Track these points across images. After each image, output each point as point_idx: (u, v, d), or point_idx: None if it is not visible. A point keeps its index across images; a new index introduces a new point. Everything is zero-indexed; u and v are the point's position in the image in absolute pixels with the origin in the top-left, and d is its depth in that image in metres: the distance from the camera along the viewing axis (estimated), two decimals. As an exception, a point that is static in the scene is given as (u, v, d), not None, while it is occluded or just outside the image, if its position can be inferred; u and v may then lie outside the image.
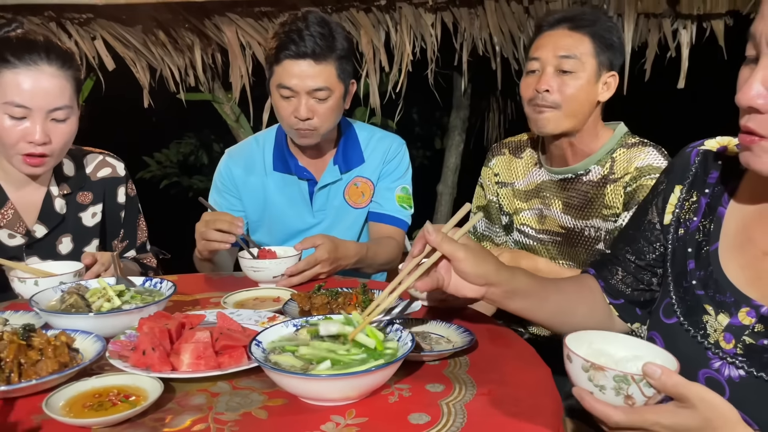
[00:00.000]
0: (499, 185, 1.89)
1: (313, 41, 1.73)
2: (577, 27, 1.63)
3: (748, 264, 0.96)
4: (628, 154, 1.65)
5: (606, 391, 0.85)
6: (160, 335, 1.10)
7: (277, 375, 0.96)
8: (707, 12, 2.83)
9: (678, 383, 0.80)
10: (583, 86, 1.62)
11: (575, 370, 0.88)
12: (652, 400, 0.84)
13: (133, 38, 3.12)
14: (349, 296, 1.36)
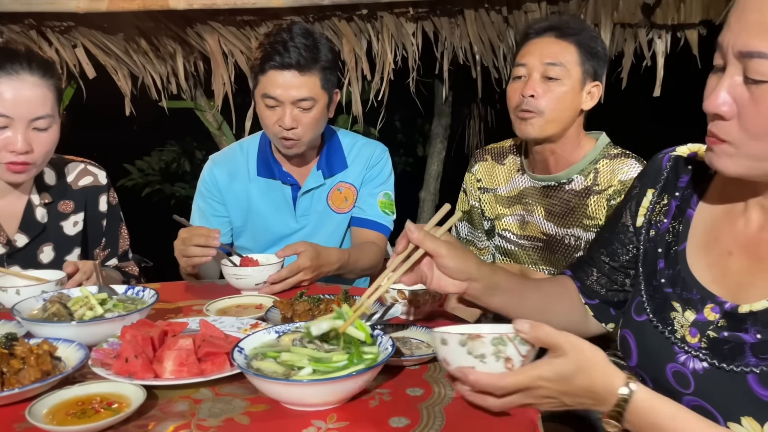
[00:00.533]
0: (482, 191, 1.91)
1: (298, 52, 1.75)
2: (563, 35, 1.66)
3: (713, 262, 1.00)
4: (611, 166, 1.68)
5: (487, 359, 0.89)
6: (143, 343, 1.11)
7: (259, 381, 0.98)
8: (681, 22, 2.89)
9: (549, 332, 0.87)
10: (568, 93, 1.65)
11: (453, 350, 0.91)
12: (527, 358, 0.90)
13: (115, 46, 3.12)
14: (331, 303, 1.38)
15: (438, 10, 2.97)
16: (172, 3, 2.79)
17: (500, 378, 0.88)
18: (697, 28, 2.95)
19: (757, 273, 0.93)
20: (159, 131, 4.98)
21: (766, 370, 0.87)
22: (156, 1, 2.79)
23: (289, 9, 2.88)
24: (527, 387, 0.88)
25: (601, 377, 0.88)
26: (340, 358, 1.04)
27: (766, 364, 0.88)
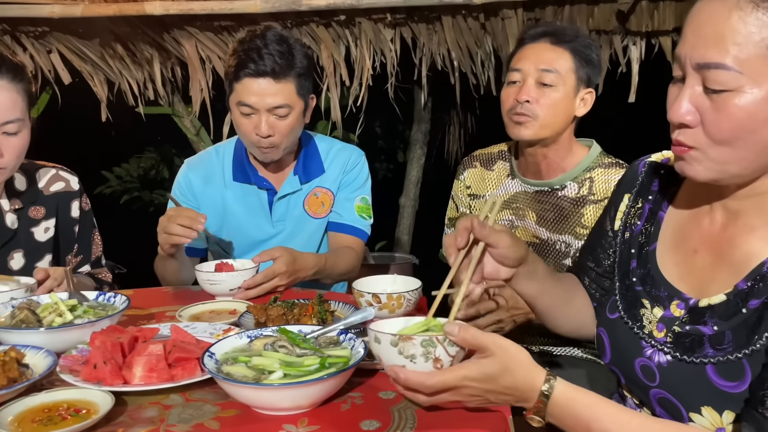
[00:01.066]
0: (472, 197, 1.92)
1: (272, 59, 1.74)
2: (559, 42, 1.67)
3: (681, 261, 1.03)
4: (606, 175, 1.70)
5: (416, 360, 0.92)
6: (112, 349, 1.10)
7: (228, 385, 0.97)
8: (655, 29, 2.93)
9: (476, 334, 0.92)
10: (562, 100, 1.66)
11: (385, 349, 0.95)
12: (456, 359, 0.94)
13: (90, 51, 3.10)
14: (305, 307, 1.37)
15: (415, 17, 2.98)
16: (148, 8, 2.77)
17: (428, 377, 0.91)
18: (670, 35, 2.99)
19: (718, 269, 0.97)
20: (137, 138, 4.96)
21: (722, 360, 0.91)
22: (132, 6, 2.78)
23: (267, 15, 2.87)
24: (454, 386, 0.92)
25: (523, 375, 0.92)
26: (311, 362, 1.04)
27: (722, 355, 0.91)
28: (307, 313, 1.34)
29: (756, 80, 0.84)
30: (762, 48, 0.83)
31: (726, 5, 0.85)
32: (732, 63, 0.84)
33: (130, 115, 3.42)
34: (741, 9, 0.84)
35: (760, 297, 0.89)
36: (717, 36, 0.85)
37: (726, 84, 0.85)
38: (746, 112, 0.85)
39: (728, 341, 0.91)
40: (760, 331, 0.88)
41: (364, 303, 1.40)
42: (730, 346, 0.91)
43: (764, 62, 0.84)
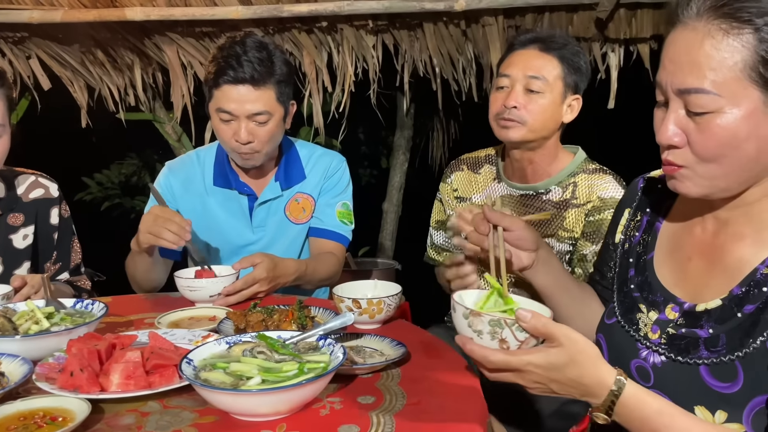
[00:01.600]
0: (459, 200, 1.93)
1: (252, 66, 1.74)
2: (547, 49, 1.68)
3: (676, 268, 1.08)
4: (589, 180, 1.72)
5: (483, 336, 0.95)
6: (89, 356, 1.09)
7: (206, 392, 0.97)
8: (633, 36, 2.97)
9: (546, 323, 0.92)
10: (549, 106, 1.68)
11: (458, 319, 0.98)
12: (525, 344, 0.94)
13: (70, 57, 3.07)
14: (284, 313, 1.37)
15: (397, 23, 3.00)
16: (129, 14, 2.76)
17: (491, 353, 0.94)
18: (648, 42, 3.03)
19: (711, 274, 1.01)
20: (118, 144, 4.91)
21: (716, 362, 0.95)
22: (112, 12, 2.76)
23: (249, 21, 2.87)
24: (517, 369, 0.94)
25: (591, 371, 0.93)
26: (290, 367, 1.04)
27: (716, 356, 0.95)
28: (287, 319, 1.34)
29: (734, 101, 0.90)
30: (736, 71, 0.89)
31: (699, 34, 0.91)
32: (710, 87, 0.90)
33: (111, 122, 3.40)
34: (713, 37, 0.90)
35: (755, 302, 0.94)
36: (693, 63, 0.91)
37: (707, 106, 0.91)
38: (728, 130, 0.91)
39: (722, 344, 0.95)
40: (754, 334, 0.92)
41: (344, 308, 1.40)
42: (724, 348, 0.95)
43: (739, 84, 0.90)
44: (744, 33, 0.89)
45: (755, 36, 0.88)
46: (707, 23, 0.91)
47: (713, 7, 0.91)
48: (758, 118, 0.90)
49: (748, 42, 0.88)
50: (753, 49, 0.88)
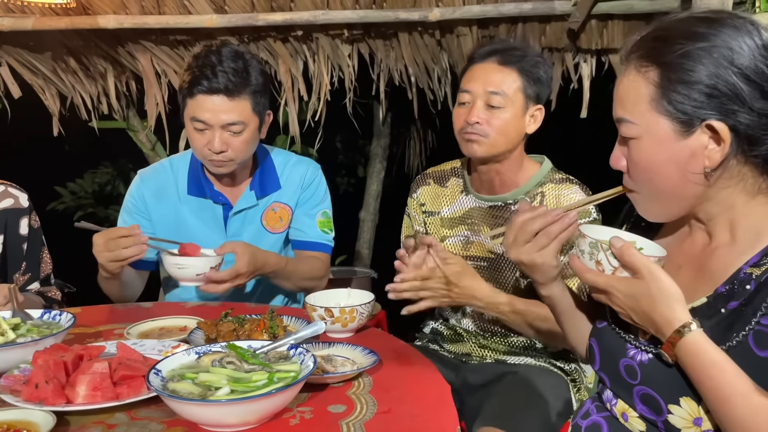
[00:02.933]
0: (426, 214, 1.92)
1: (226, 77, 1.74)
2: (506, 62, 1.67)
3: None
4: (556, 191, 1.73)
5: (584, 256, 1.06)
6: (55, 368, 1.08)
7: (174, 402, 0.96)
8: (605, 47, 3.01)
9: (633, 253, 1.00)
10: (511, 120, 1.68)
11: (577, 241, 1.09)
12: (619, 271, 1.03)
13: (42, 65, 3.04)
14: (256, 323, 1.36)
15: (372, 33, 3.01)
16: (101, 22, 2.74)
17: (585, 271, 1.06)
18: (619, 53, 3.08)
19: (699, 280, 1.08)
20: (92, 153, 4.86)
21: None
22: (84, 19, 2.74)
23: (224, 29, 2.87)
24: (603, 290, 1.05)
25: (662, 309, 0.99)
26: (259, 377, 1.03)
27: None
28: (258, 329, 1.34)
29: (647, 129, 1.02)
30: (646, 103, 1.01)
31: (624, 71, 1.06)
32: (630, 117, 1.03)
33: (85, 130, 3.36)
34: (629, 74, 1.04)
35: (738, 299, 0.99)
36: (619, 97, 1.06)
37: (629, 133, 1.04)
38: (647, 155, 1.04)
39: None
40: (736, 329, 0.98)
41: (317, 317, 1.40)
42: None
43: (651, 114, 1.01)
44: (649, 71, 1.01)
45: (657, 73, 1.00)
46: (629, 63, 1.05)
47: (634, 50, 1.05)
48: (671, 144, 1.02)
49: (652, 79, 1.00)
50: (656, 84, 1.00)
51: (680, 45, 0.98)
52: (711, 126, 0.98)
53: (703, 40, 0.98)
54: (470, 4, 2.79)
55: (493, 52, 1.70)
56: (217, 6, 2.80)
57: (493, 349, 1.79)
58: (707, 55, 0.97)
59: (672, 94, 0.99)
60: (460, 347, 1.84)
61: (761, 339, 0.95)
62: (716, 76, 0.97)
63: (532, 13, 2.77)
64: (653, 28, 1.05)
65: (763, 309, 0.96)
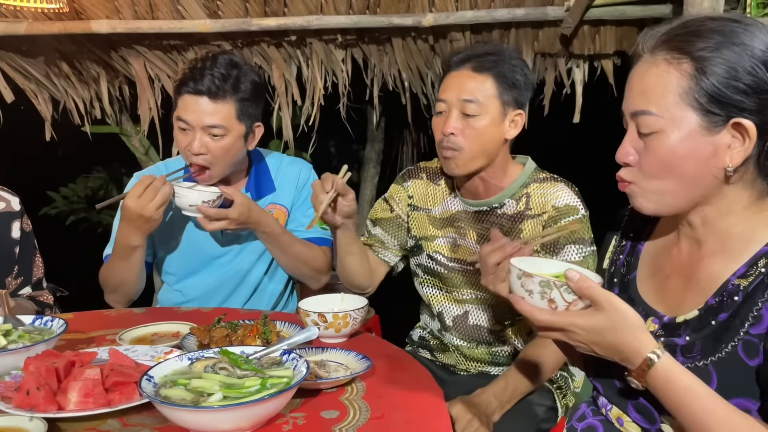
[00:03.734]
0: (412, 208, 1.87)
1: (212, 80, 1.76)
2: (480, 68, 1.62)
3: (657, 286, 1.16)
4: (541, 190, 1.69)
5: (533, 296, 1.01)
6: (47, 374, 1.07)
7: (166, 409, 0.96)
8: (597, 52, 3.03)
9: (592, 287, 0.97)
10: (488, 127, 1.62)
11: (513, 279, 1.05)
12: (572, 306, 0.99)
13: (35, 70, 3.03)
14: (249, 328, 1.36)
15: (366, 38, 3.02)
16: (94, 26, 2.73)
17: (539, 312, 1.01)
18: (611, 58, 3.10)
19: (687, 290, 1.09)
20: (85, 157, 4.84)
21: (691, 366, 1.01)
22: (77, 24, 2.73)
23: (217, 34, 2.87)
24: (562, 329, 1.00)
25: (629, 339, 0.97)
26: (252, 383, 1.03)
27: (691, 362, 1.02)
28: (251, 334, 1.33)
29: (674, 123, 1.00)
30: (675, 96, 1.00)
31: (648, 65, 1.04)
32: (654, 109, 1.01)
33: (78, 135, 3.35)
34: (658, 66, 1.02)
35: (728, 310, 1.01)
36: (642, 89, 1.04)
37: (652, 127, 1.02)
38: (669, 149, 1.01)
39: (697, 350, 1.02)
40: (726, 339, 0.99)
41: (310, 322, 1.40)
42: (699, 354, 1.02)
43: (679, 107, 1.00)
44: (683, 63, 1.00)
45: (691, 65, 0.99)
46: (656, 55, 1.03)
47: (663, 42, 1.03)
48: (696, 139, 1.00)
49: (686, 70, 0.99)
50: (689, 77, 0.99)
51: (716, 40, 0.98)
52: (738, 124, 0.98)
53: (737, 37, 0.97)
54: (463, 10, 2.80)
55: (468, 59, 1.65)
56: (211, 11, 2.80)
57: (478, 360, 1.77)
58: (743, 53, 0.97)
59: (706, 87, 0.98)
60: (446, 357, 1.82)
61: (750, 348, 0.97)
62: (750, 74, 0.96)
63: (524, 18, 2.79)
64: (681, 23, 1.03)
65: (750, 319, 0.98)
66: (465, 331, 1.76)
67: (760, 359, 0.96)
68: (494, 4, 2.80)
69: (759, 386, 0.97)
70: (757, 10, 2.36)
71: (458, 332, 1.77)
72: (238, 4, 2.78)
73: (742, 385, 0.98)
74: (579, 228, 1.62)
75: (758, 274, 1.00)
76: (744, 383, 0.98)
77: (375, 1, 2.79)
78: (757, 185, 1.03)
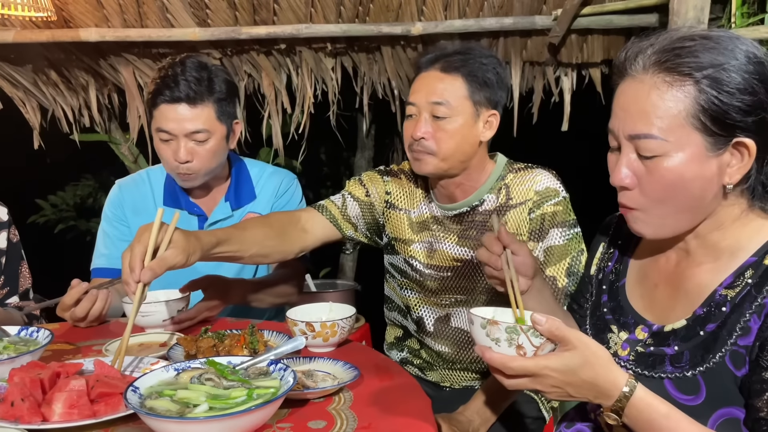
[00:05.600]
0: (388, 205, 1.81)
1: (188, 85, 1.75)
2: (449, 68, 1.56)
3: (645, 294, 1.17)
4: (519, 178, 1.64)
5: (501, 344, 0.98)
6: (31, 385, 1.07)
7: (151, 420, 0.95)
8: (585, 61, 3.06)
9: (560, 326, 0.95)
10: (459, 130, 1.57)
11: (476, 330, 1.01)
12: (540, 350, 0.97)
13: (23, 78, 3.02)
14: (236, 338, 1.35)
15: (356, 46, 3.03)
16: (83, 35, 2.73)
17: (510, 360, 0.96)
18: (599, 67, 3.13)
19: (676, 299, 1.10)
20: (75, 165, 4.82)
21: (679, 376, 1.03)
22: (66, 32, 2.73)
23: (206, 42, 2.87)
24: (534, 374, 0.96)
25: (604, 373, 0.97)
26: (238, 393, 1.03)
27: (679, 371, 1.03)
28: (238, 344, 1.33)
29: (679, 145, 0.99)
30: (680, 118, 0.98)
31: (645, 86, 1.01)
32: (657, 133, 0.99)
33: (67, 142, 3.33)
34: (658, 88, 1.00)
35: (715, 321, 1.02)
36: (642, 111, 1.01)
37: (655, 150, 1.00)
38: (675, 172, 1.00)
39: (686, 360, 1.03)
40: (714, 350, 1.00)
41: (298, 332, 1.40)
42: (687, 364, 1.03)
43: (683, 130, 0.99)
44: (685, 85, 0.98)
45: (695, 87, 0.97)
46: (653, 76, 1.01)
47: (657, 62, 1.00)
48: (702, 160, 0.99)
49: (689, 93, 0.98)
50: (693, 99, 0.97)
51: (717, 61, 0.97)
52: (740, 142, 0.98)
53: (735, 57, 0.97)
54: (452, 19, 2.82)
55: (436, 59, 1.59)
56: (200, 19, 2.81)
57: (462, 369, 1.74)
58: (743, 73, 0.97)
59: (711, 109, 0.97)
60: (430, 375, 1.80)
61: (738, 359, 0.98)
62: (751, 93, 0.96)
63: (513, 27, 2.81)
64: (672, 40, 1.01)
65: (738, 331, 0.99)
66: (447, 335, 1.72)
67: (746, 369, 0.98)
68: (483, 13, 2.82)
69: (743, 396, 0.98)
70: (742, 20, 2.39)
71: (440, 337, 1.73)
72: (227, 13, 2.79)
73: (730, 394, 0.99)
74: (561, 210, 1.59)
75: (745, 285, 1.01)
76: (732, 393, 0.99)
77: (364, 10, 2.81)
78: (747, 199, 1.04)
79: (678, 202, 1.02)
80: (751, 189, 1.03)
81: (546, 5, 2.77)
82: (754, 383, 0.96)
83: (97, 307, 1.61)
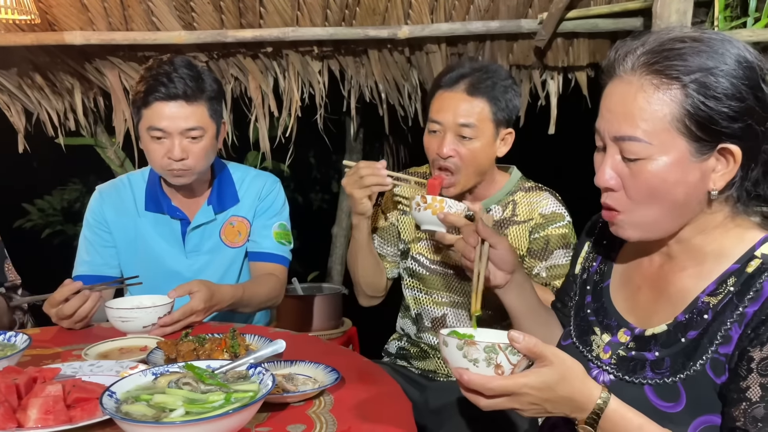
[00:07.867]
0: (401, 212, 1.91)
1: (183, 82, 1.75)
2: (475, 92, 1.66)
3: (628, 297, 1.17)
4: (528, 198, 1.75)
5: (479, 364, 0.96)
6: (6, 390, 1.06)
7: (126, 425, 0.94)
8: (571, 64, 3.07)
9: (537, 343, 0.95)
10: (482, 148, 1.68)
11: (451, 352, 0.99)
12: (517, 367, 0.97)
13: (7, 81, 2.99)
14: (217, 342, 1.35)
15: (342, 50, 3.03)
16: (68, 38, 2.71)
17: (489, 380, 0.95)
18: (585, 70, 3.14)
19: (658, 302, 1.10)
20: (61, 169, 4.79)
21: (659, 383, 1.02)
22: (51, 35, 2.72)
23: (192, 45, 2.86)
24: (513, 392, 0.95)
25: (580, 387, 0.97)
26: (216, 398, 1.02)
27: (659, 378, 1.03)
28: (219, 348, 1.32)
29: (663, 149, 0.98)
30: (665, 122, 0.98)
31: (633, 87, 1.00)
32: (642, 135, 0.99)
33: (53, 146, 3.31)
34: (645, 91, 0.99)
35: (697, 328, 1.01)
36: (627, 113, 1.00)
37: (639, 153, 1.00)
38: (658, 176, 0.99)
39: (667, 366, 1.02)
40: (694, 358, 1.00)
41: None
42: (668, 370, 1.02)
43: (668, 134, 0.98)
44: (672, 88, 0.97)
45: (682, 92, 0.96)
46: (640, 78, 0.99)
47: (646, 63, 0.99)
48: (685, 165, 0.99)
49: (676, 97, 0.97)
50: (680, 103, 0.97)
51: (706, 66, 0.96)
52: (725, 149, 0.97)
53: (724, 62, 0.96)
54: (438, 22, 2.83)
55: (461, 78, 1.68)
56: (186, 23, 2.80)
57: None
58: (731, 78, 0.96)
59: (697, 114, 0.96)
60: (427, 364, 1.83)
61: (718, 367, 0.98)
62: (738, 99, 0.95)
63: (499, 31, 2.82)
64: (660, 42, 1.00)
65: (719, 339, 0.99)
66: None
67: (726, 377, 0.97)
68: (469, 16, 2.83)
69: (721, 403, 0.98)
70: (725, 23, 2.40)
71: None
72: (213, 16, 2.78)
73: (710, 402, 0.99)
74: (567, 233, 1.72)
75: (727, 293, 1.00)
76: (712, 400, 0.99)
77: (351, 14, 2.81)
78: (731, 206, 1.04)
79: (661, 206, 1.02)
80: (735, 196, 1.02)
81: (532, 9, 2.78)
82: (731, 392, 0.96)
83: (85, 307, 1.60)
